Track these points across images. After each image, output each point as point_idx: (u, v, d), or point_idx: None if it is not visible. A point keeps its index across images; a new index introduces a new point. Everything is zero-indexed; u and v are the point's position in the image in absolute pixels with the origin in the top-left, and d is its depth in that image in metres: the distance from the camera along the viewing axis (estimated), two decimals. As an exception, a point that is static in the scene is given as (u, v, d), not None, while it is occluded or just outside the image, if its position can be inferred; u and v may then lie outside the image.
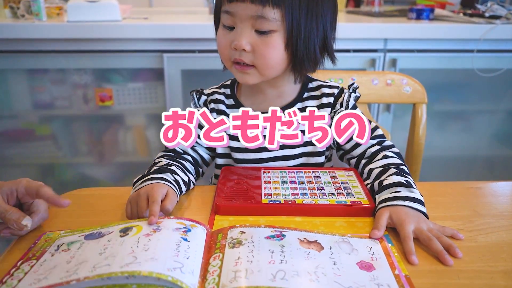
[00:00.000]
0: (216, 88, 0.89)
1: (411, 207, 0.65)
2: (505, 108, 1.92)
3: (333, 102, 0.84)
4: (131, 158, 1.88)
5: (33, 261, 0.56)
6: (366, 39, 1.62)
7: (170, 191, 0.69)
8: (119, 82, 1.72)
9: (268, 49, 0.73)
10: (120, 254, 0.52)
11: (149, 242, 0.54)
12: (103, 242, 0.56)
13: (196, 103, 0.87)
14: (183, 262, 0.51)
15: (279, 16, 0.71)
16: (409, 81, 1.18)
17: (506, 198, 0.77)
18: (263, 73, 0.76)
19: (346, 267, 0.54)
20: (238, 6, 0.71)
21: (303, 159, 0.86)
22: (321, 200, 0.70)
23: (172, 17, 1.88)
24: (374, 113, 1.76)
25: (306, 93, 0.85)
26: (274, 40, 0.72)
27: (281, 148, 0.84)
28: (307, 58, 0.75)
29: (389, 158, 0.78)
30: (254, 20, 0.71)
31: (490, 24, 1.61)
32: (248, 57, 0.74)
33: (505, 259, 0.58)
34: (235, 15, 0.72)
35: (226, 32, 0.75)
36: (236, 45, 0.73)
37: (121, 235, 0.57)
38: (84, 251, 0.55)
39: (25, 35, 1.53)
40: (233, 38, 0.74)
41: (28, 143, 1.81)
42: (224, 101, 0.86)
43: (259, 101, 0.85)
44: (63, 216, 0.70)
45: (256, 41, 0.73)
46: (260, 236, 0.59)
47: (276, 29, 0.72)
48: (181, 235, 0.57)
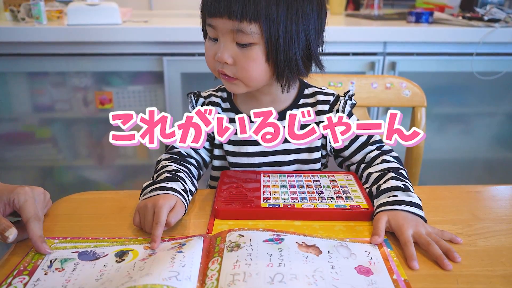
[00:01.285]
0: (213, 91, 0.90)
1: (409, 212, 0.65)
2: (505, 111, 1.92)
3: (328, 109, 0.84)
4: (131, 161, 1.88)
5: (25, 276, 0.55)
6: (365, 42, 1.62)
7: (179, 203, 0.68)
8: (119, 85, 1.72)
9: (249, 62, 0.73)
10: (116, 279, 0.52)
11: (145, 264, 0.55)
12: (99, 267, 0.56)
13: (194, 105, 0.88)
14: (178, 270, 0.52)
15: (257, 29, 0.71)
16: (408, 84, 1.18)
17: (505, 202, 0.77)
18: (247, 84, 0.77)
19: (344, 271, 0.54)
20: (218, 21, 0.72)
21: (297, 166, 0.86)
22: (320, 204, 0.70)
23: (172, 20, 1.88)
24: (374, 117, 1.76)
25: (302, 100, 0.86)
26: (255, 52, 0.73)
27: (274, 154, 0.84)
28: (288, 69, 0.75)
29: (387, 162, 0.78)
30: (234, 33, 0.72)
31: (489, 27, 1.62)
32: (230, 70, 0.75)
33: (504, 263, 0.58)
34: (216, 28, 0.73)
35: (212, 43, 0.76)
36: (218, 58, 0.74)
37: (117, 261, 0.57)
38: (79, 275, 0.55)
39: (26, 38, 1.53)
40: (217, 50, 0.75)
41: (28, 145, 1.81)
42: (220, 104, 0.87)
43: (253, 106, 0.85)
44: (62, 221, 0.70)
45: (238, 54, 0.73)
46: (259, 240, 0.59)
47: (256, 42, 0.72)
48: (176, 250, 0.57)
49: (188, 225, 0.68)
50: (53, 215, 0.69)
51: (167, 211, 0.65)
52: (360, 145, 0.83)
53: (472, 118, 1.97)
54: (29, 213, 0.61)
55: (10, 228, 0.59)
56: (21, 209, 0.62)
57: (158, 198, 0.67)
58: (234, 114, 0.86)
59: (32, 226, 0.60)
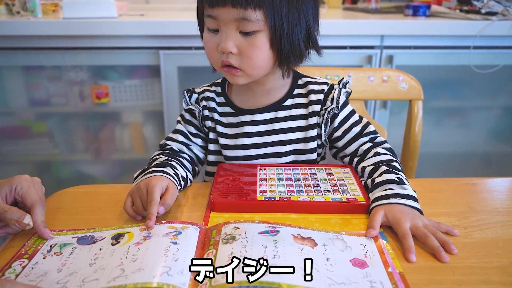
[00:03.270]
0: (207, 86, 0.90)
1: (405, 204, 0.65)
2: (502, 105, 1.93)
3: (323, 99, 0.84)
4: (128, 155, 1.87)
5: (25, 260, 0.56)
6: (362, 35, 1.62)
7: (171, 184, 0.70)
8: (115, 79, 1.71)
9: (254, 50, 0.73)
10: (109, 266, 0.52)
11: (138, 252, 0.55)
12: (95, 251, 0.56)
13: (187, 101, 0.87)
14: (170, 265, 0.52)
15: (262, 16, 0.71)
16: (405, 77, 1.18)
17: (501, 194, 0.77)
18: (250, 74, 0.77)
19: (339, 264, 0.54)
20: (220, 10, 0.71)
21: (293, 157, 0.86)
22: (317, 197, 0.70)
23: (169, 14, 1.87)
24: (371, 110, 1.76)
25: (296, 90, 0.86)
26: (259, 40, 0.73)
27: (270, 145, 0.84)
28: (292, 53, 0.76)
29: (380, 155, 0.78)
30: (238, 22, 0.71)
31: (487, 20, 1.61)
32: (235, 60, 0.74)
33: (500, 255, 0.59)
34: (218, 18, 0.72)
35: (212, 35, 0.75)
36: (222, 48, 0.73)
37: (112, 243, 0.58)
38: (75, 259, 0.55)
39: (21, 32, 1.52)
40: (219, 41, 0.74)
41: (24, 140, 1.80)
42: (215, 99, 0.87)
43: (247, 98, 0.86)
44: (59, 214, 0.69)
45: (242, 42, 0.73)
46: (254, 232, 0.59)
47: (260, 29, 0.72)
48: (171, 239, 0.57)
49: (184, 218, 0.68)
50: (48, 208, 0.69)
51: (160, 190, 0.67)
52: (354, 136, 0.84)
53: (469, 112, 1.97)
54: (34, 198, 0.62)
55: (26, 215, 0.60)
56: (25, 195, 0.62)
57: (150, 179, 0.69)
58: (229, 108, 0.86)
59: (37, 211, 0.61)
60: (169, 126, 1.70)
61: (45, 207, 0.64)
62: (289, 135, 0.84)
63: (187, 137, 0.87)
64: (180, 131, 0.87)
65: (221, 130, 0.86)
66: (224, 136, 0.85)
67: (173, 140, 0.86)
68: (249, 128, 0.84)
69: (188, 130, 0.87)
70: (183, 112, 0.89)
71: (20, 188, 0.62)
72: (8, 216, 0.59)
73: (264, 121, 0.84)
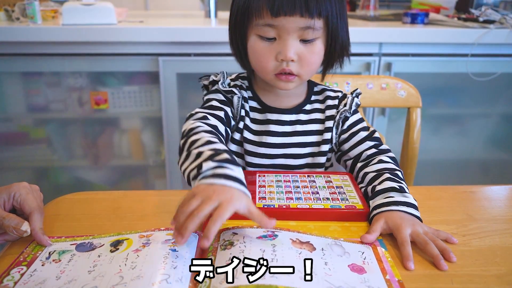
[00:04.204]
0: (235, 76, 0.90)
1: (405, 212, 0.65)
2: (499, 112, 1.93)
3: (337, 103, 0.87)
4: (126, 162, 1.87)
5: (23, 267, 0.56)
6: (361, 43, 1.62)
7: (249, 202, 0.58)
8: (114, 85, 1.71)
9: (314, 56, 0.76)
10: (108, 274, 0.52)
11: (137, 259, 0.54)
12: (93, 258, 0.56)
13: (224, 84, 0.84)
14: (169, 272, 0.51)
15: (323, 23, 0.74)
16: (403, 85, 1.18)
17: (499, 202, 0.77)
18: (305, 79, 0.80)
19: (337, 268, 0.54)
20: (286, 20, 0.72)
21: (309, 159, 0.87)
22: (316, 204, 0.70)
23: (168, 21, 1.88)
24: (370, 117, 1.76)
25: (313, 96, 0.89)
26: (318, 46, 0.76)
27: (292, 146, 0.86)
28: (341, 57, 0.81)
29: (384, 163, 0.78)
30: (302, 31, 0.73)
31: (484, 28, 1.62)
32: (295, 67, 0.76)
33: (498, 263, 0.59)
34: (280, 27, 0.73)
35: (267, 43, 0.75)
36: (286, 57, 0.74)
37: (111, 250, 0.58)
38: (74, 266, 0.55)
39: (20, 38, 1.53)
40: (279, 50, 0.74)
41: (23, 146, 1.80)
42: (246, 89, 0.87)
43: (272, 99, 0.87)
44: (58, 221, 0.69)
45: (302, 50, 0.75)
46: (252, 237, 0.59)
47: (320, 36, 0.75)
48: (170, 247, 0.57)
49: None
50: (46, 215, 0.69)
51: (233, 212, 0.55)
52: (360, 139, 0.85)
53: (467, 119, 1.98)
54: (32, 205, 0.62)
55: (24, 223, 0.60)
56: (23, 202, 0.62)
57: (232, 193, 0.57)
58: (256, 104, 0.87)
59: (35, 218, 0.61)
60: (168, 132, 1.70)
61: (43, 214, 0.64)
62: (308, 137, 0.86)
63: (228, 118, 0.82)
64: (221, 108, 0.81)
65: (248, 124, 0.86)
66: (249, 130, 0.86)
67: (213, 116, 0.78)
68: (275, 127, 0.85)
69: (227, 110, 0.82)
70: (214, 95, 0.84)
71: (19, 195, 0.62)
72: (6, 223, 0.59)
73: (288, 122, 0.86)
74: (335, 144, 0.88)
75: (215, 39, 1.56)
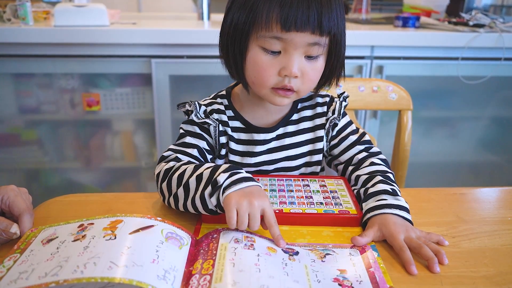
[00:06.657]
0: (211, 98, 0.85)
1: (397, 215, 0.66)
2: (489, 115, 1.95)
3: (326, 110, 0.85)
4: (118, 164, 1.87)
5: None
6: (353, 46, 1.63)
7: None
8: (106, 87, 1.71)
9: (316, 73, 0.74)
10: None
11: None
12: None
13: (199, 114, 0.80)
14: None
15: (328, 40, 0.72)
16: (394, 88, 1.19)
17: (489, 204, 0.78)
18: (301, 95, 0.77)
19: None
20: (295, 34, 0.68)
21: (303, 169, 0.87)
22: (309, 209, 0.70)
23: (161, 23, 1.88)
24: (361, 120, 1.77)
25: (300, 104, 0.86)
26: (320, 63, 0.74)
27: (281, 161, 0.85)
28: (339, 73, 0.79)
29: (375, 165, 0.79)
30: (309, 47, 0.70)
31: (474, 32, 1.64)
32: (296, 83, 0.73)
33: (487, 264, 0.59)
34: (288, 42, 0.69)
35: (271, 57, 0.71)
36: (290, 73, 0.71)
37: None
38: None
39: (12, 39, 1.52)
40: (283, 65, 0.71)
41: (14, 148, 1.79)
42: (225, 112, 0.83)
43: (260, 115, 0.83)
44: (47, 223, 0.69)
45: (305, 66, 0.72)
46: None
47: (323, 53, 0.73)
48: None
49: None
50: (37, 217, 0.68)
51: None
52: (350, 144, 0.84)
53: (457, 122, 2.00)
54: (22, 207, 0.62)
55: (12, 225, 0.60)
56: (12, 204, 0.62)
57: (258, 190, 0.64)
58: (239, 123, 0.83)
59: (25, 219, 0.61)
60: (161, 134, 1.70)
61: (33, 216, 0.63)
62: (299, 149, 0.84)
63: (202, 154, 0.80)
64: (194, 145, 0.79)
65: (233, 147, 0.83)
66: (234, 153, 0.83)
67: (186, 154, 0.78)
68: (260, 147, 0.82)
69: (202, 146, 0.80)
70: (189, 126, 0.82)
71: (7, 198, 0.62)
72: None
73: (274, 138, 0.84)
74: (326, 151, 0.88)
75: (208, 41, 1.56)
